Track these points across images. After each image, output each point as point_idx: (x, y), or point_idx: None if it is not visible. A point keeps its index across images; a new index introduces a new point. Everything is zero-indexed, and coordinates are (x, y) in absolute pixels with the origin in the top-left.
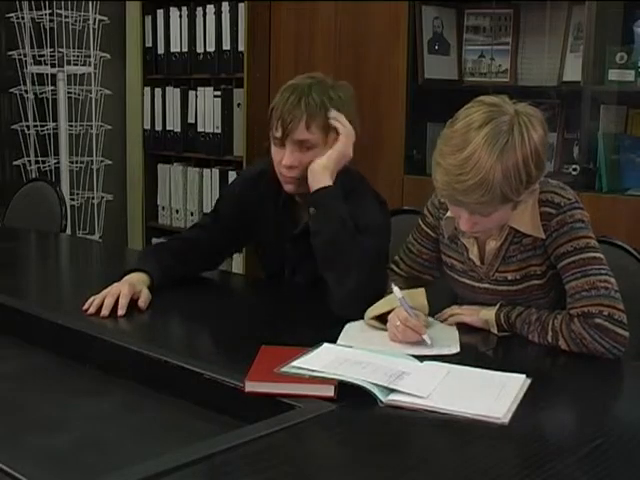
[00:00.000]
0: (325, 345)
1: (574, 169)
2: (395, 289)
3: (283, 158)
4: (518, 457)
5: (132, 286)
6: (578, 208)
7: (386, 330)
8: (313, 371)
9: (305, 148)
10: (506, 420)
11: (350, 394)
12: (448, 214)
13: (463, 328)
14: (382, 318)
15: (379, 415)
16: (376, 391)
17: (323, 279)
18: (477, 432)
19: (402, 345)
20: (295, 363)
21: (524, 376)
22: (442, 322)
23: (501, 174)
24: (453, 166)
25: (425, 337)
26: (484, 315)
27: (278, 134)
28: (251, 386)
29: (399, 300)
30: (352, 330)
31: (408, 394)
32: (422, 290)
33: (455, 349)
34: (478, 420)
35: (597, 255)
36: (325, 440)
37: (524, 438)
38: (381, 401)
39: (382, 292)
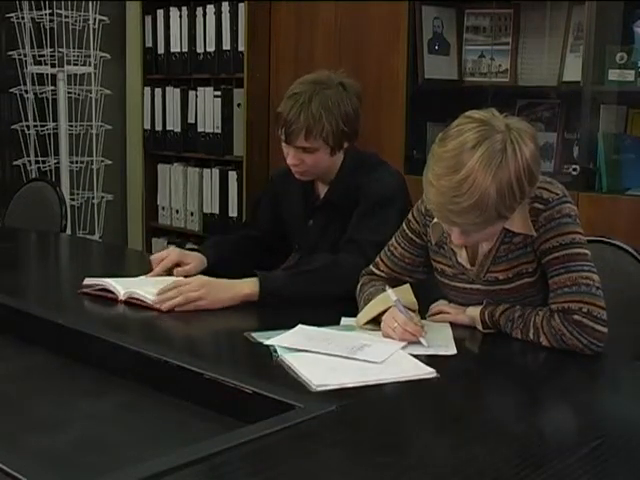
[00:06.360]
0: (299, 326)
1: (574, 169)
2: (389, 291)
3: (289, 155)
4: (518, 457)
5: (183, 255)
6: (566, 202)
7: (379, 331)
8: (284, 347)
9: (308, 151)
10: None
11: (350, 394)
12: (435, 220)
13: (452, 325)
14: (374, 320)
15: (379, 415)
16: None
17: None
18: (476, 432)
19: (399, 344)
20: (270, 341)
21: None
22: (430, 317)
23: (495, 193)
24: (448, 188)
25: (422, 340)
26: (470, 312)
27: (282, 137)
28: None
29: (395, 302)
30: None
31: (365, 361)
32: (407, 286)
33: (452, 350)
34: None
35: (582, 251)
36: (325, 440)
37: (524, 438)
38: None
39: None
